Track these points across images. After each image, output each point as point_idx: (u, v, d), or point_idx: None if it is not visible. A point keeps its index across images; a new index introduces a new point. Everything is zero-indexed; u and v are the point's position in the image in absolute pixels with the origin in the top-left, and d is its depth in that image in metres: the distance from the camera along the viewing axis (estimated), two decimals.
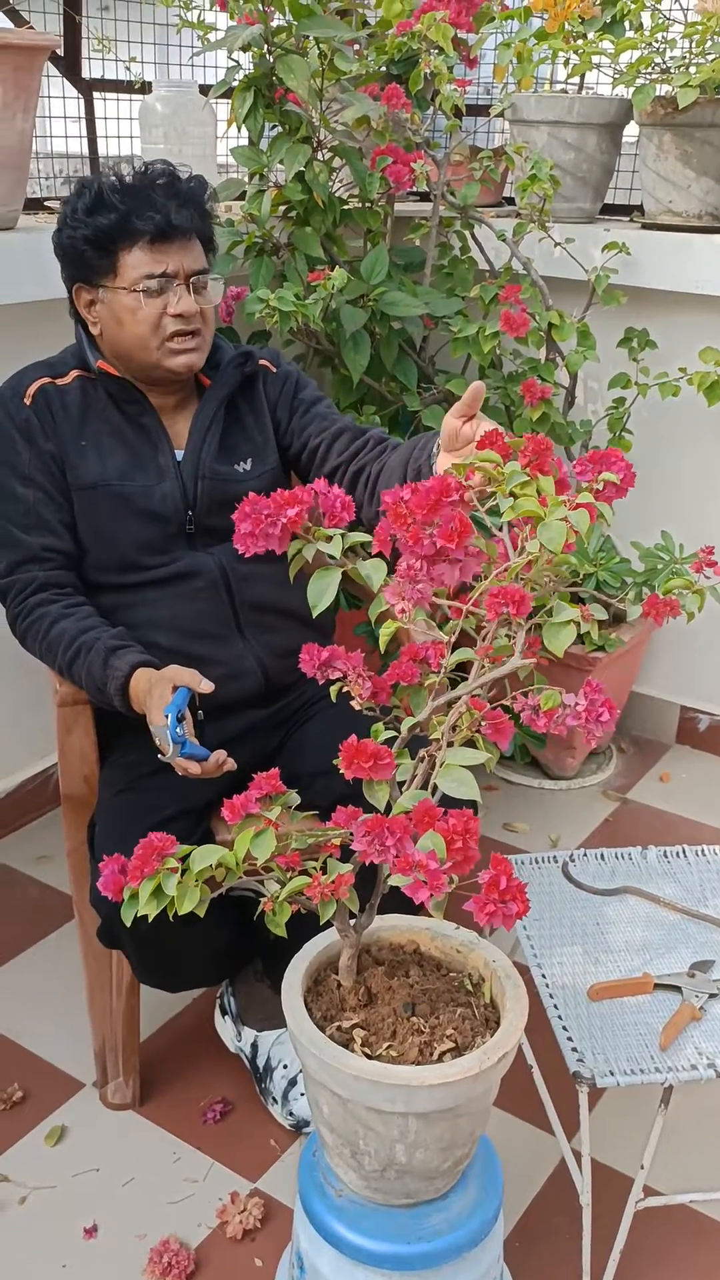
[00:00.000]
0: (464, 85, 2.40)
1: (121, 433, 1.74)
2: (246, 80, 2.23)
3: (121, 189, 1.65)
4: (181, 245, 1.66)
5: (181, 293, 1.67)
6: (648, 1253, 1.63)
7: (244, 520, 1.12)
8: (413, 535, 1.06)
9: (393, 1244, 1.34)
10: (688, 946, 1.65)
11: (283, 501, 1.11)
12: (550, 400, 2.40)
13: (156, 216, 1.63)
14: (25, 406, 1.71)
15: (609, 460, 1.12)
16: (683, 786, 2.82)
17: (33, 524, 1.69)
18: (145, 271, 1.64)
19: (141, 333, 1.67)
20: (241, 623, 1.76)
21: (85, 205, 1.65)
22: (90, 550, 1.73)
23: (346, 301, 2.29)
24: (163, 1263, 1.59)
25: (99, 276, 1.68)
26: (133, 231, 1.63)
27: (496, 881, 1.07)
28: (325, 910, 1.18)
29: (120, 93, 2.67)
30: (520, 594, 1.05)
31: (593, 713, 1.08)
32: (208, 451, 1.77)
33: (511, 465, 1.11)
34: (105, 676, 1.58)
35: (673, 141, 2.48)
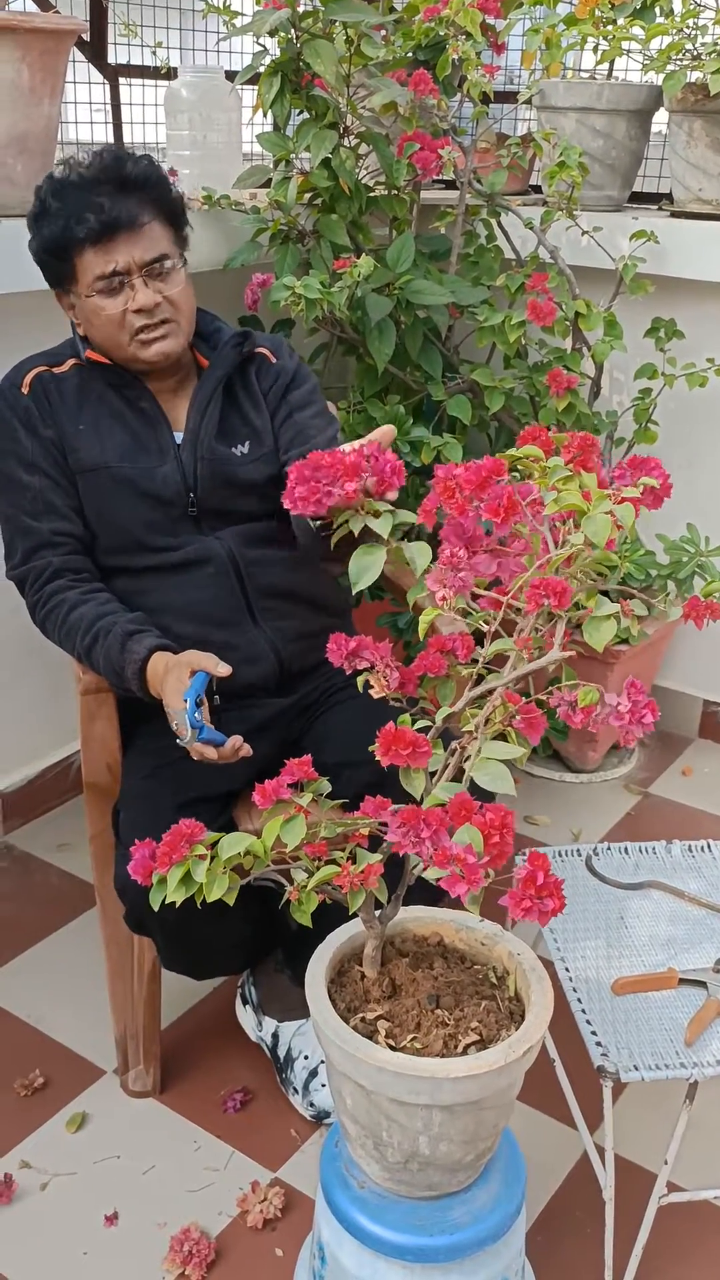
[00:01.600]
0: (492, 71, 2.37)
1: (121, 416, 1.74)
2: (273, 65, 2.21)
3: (58, 192, 1.63)
4: (129, 238, 1.63)
5: (139, 286, 1.65)
6: (671, 1249, 1.62)
7: (301, 483, 1.09)
8: (459, 508, 1.05)
9: (415, 1236, 1.33)
10: (713, 942, 1.64)
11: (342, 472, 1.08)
12: (576, 390, 2.38)
13: (91, 218, 1.60)
14: (23, 395, 1.71)
15: (648, 465, 1.11)
16: (705, 781, 2.80)
17: (42, 510, 1.69)
18: (95, 273, 1.63)
19: (109, 332, 1.67)
20: (254, 608, 1.76)
21: (33, 215, 1.66)
22: (99, 534, 1.73)
23: (372, 289, 2.28)
24: (183, 1251, 1.59)
25: (64, 283, 1.69)
26: (75, 240, 1.62)
27: (534, 877, 1.06)
28: (354, 900, 1.17)
29: (146, 78, 2.66)
30: (562, 585, 1.03)
31: (636, 714, 1.07)
32: (206, 432, 1.76)
33: (555, 460, 1.10)
34: (123, 660, 1.58)
35: (703, 128, 2.45)
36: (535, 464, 1.13)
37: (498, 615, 1.16)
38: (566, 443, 1.13)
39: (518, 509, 1.06)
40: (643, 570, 2.49)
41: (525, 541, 1.11)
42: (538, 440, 1.15)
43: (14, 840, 2.50)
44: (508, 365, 2.56)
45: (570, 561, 1.07)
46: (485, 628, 1.18)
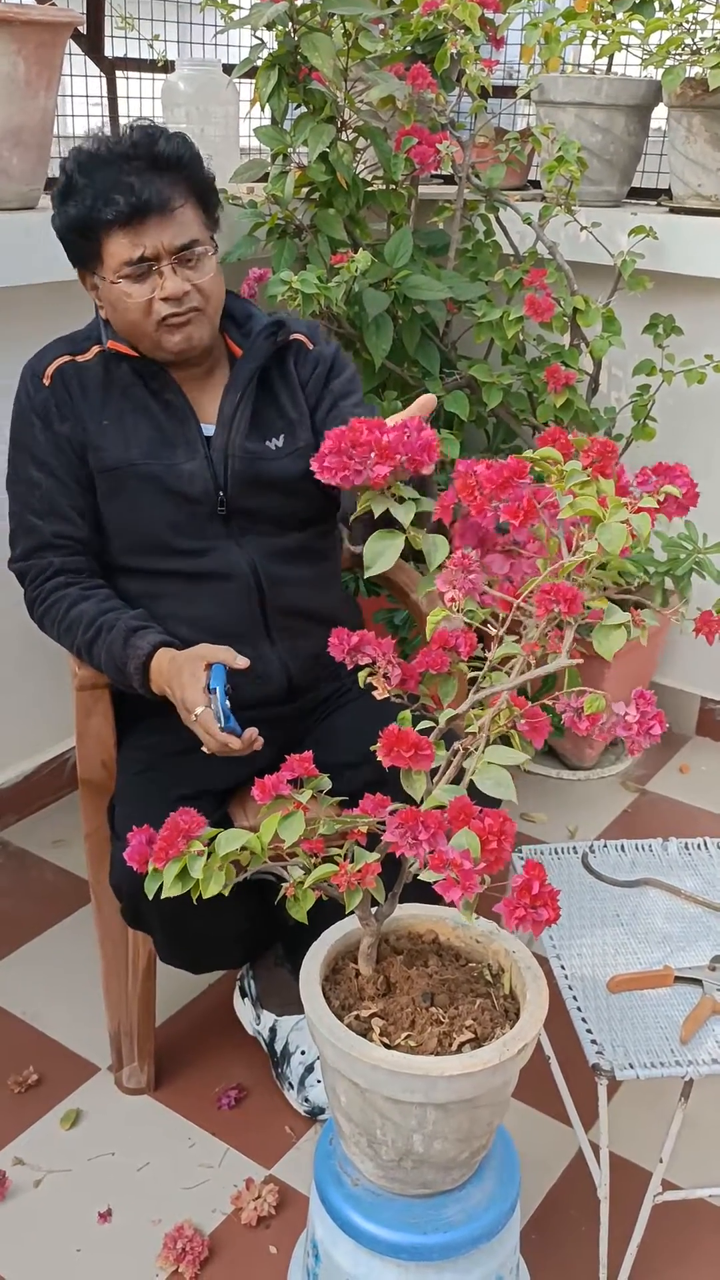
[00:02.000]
0: (490, 66, 2.37)
1: (146, 409, 1.67)
2: (270, 59, 2.20)
3: (86, 168, 1.55)
4: (159, 222, 1.56)
5: (168, 274, 1.58)
6: (666, 1247, 1.62)
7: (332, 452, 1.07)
8: (478, 507, 1.04)
9: (409, 1234, 1.33)
10: (709, 940, 1.64)
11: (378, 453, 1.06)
12: (574, 387, 2.38)
13: (120, 199, 1.53)
14: (44, 387, 1.66)
15: (673, 473, 1.09)
16: (702, 778, 2.80)
17: (46, 510, 1.66)
18: (124, 258, 1.56)
19: (134, 319, 1.61)
20: (270, 626, 1.71)
21: (59, 191, 1.58)
22: (118, 534, 1.68)
23: (369, 285, 2.27)
24: (177, 1248, 1.58)
25: (89, 263, 1.62)
26: (103, 222, 1.55)
27: (529, 886, 1.05)
28: (351, 899, 1.17)
29: (143, 71, 2.64)
30: (573, 592, 1.02)
31: (644, 725, 1.06)
32: (238, 429, 1.69)
33: (572, 464, 1.09)
34: (126, 656, 1.57)
35: (703, 124, 2.44)
36: (553, 467, 1.12)
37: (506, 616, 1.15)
38: (586, 447, 1.12)
39: (536, 513, 1.04)
40: (640, 568, 2.49)
41: (541, 544, 1.10)
42: (557, 443, 1.14)
43: (9, 836, 2.50)
44: (506, 361, 2.55)
45: (583, 569, 1.06)
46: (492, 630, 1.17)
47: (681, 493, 1.10)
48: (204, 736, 1.49)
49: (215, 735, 1.46)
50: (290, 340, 1.77)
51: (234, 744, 1.47)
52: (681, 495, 1.10)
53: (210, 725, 1.47)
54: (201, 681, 1.49)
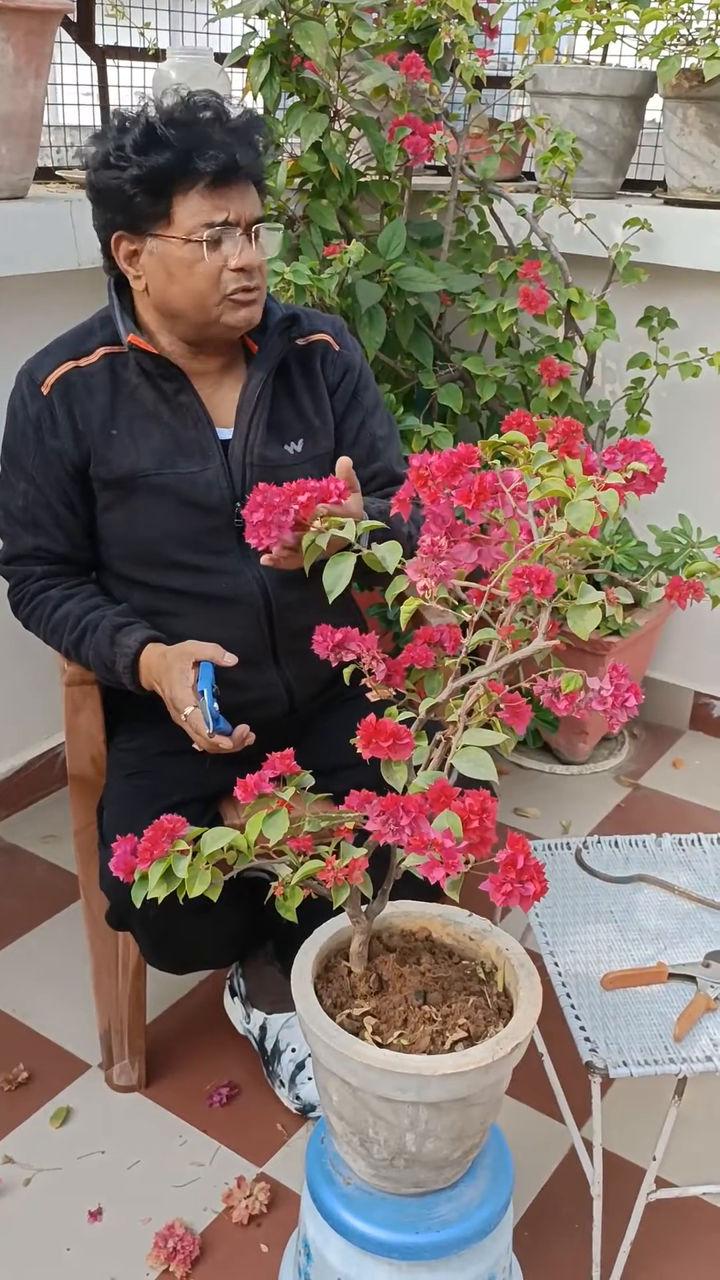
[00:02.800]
0: (484, 55, 2.35)
1: (157, 415, 1.59)
2: (262, 47, 2.19)
3: (175, 122, 1.47)
4: (241, 189, 1.50)
5: (243, 243, 1.50)
6: (659, 1245, 1.61)
7: (255, 510, 1.11)
8: (431, 495, 1.04)
9: (401, 1233, 1.32)
10: (703, 936, 1.63)
11: (294, 490, 1.10)
12: (568, 380, 2.37)
13: (220, 155, 1.45)
14: (41, 397, 1.57)
15: (639, 450, 1.09)
16: (696, 773, 2.79)
17: (28, 521, 1.62)
18: (205, 219, 1.47)
19: (200, 288, 1.51)
20: (278, 650, 1.67)
21: (134, 141, 1.46)
22: (119, 544, 1.62)
23: (362, 276, 2.26)
24: (168, 1247, 1.57)
25: (148, 224, 1.50)
26: (193, 172, 1.45)
27: (514, 861, 1.04)
28: (338, 895, 1.16)
29: (134, 60, 2.62)
30: (545, 574, 1.02)
31: (618, 698, 1.05)
32: (256, 435, 1.61)
33: (539, 446, 1.09)
34: (113, 654, 1.55)
35: (698, 115, 2.43)
36: (519, 450, 1.11)
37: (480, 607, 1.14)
38: (551, 428, 1.12)
39: (488, 495, 1.04)
40: (634, 561, 2.48)
41: (504, 529, 1.10)
42: (522, 426, 1.13)
43: (0, 832, 2.48)
44: (499, 354, 2.54)
45: (554, 548, 1.06)
46: (468, 618, 1.17)
47: (649, 469, 1.09)
48: (194, 736, 1.47)
49: (199, 736, 1.45)
50: (315, 340, 1.71)
51: (224, 744, 1.45)
52: (649, 471, 1.09)
53: (200, 726, 1.45)
54: (190, 680, 1.47)
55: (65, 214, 2.12)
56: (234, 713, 1.53)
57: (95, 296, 2.31)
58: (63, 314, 1.80)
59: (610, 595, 1.06)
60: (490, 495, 1.05)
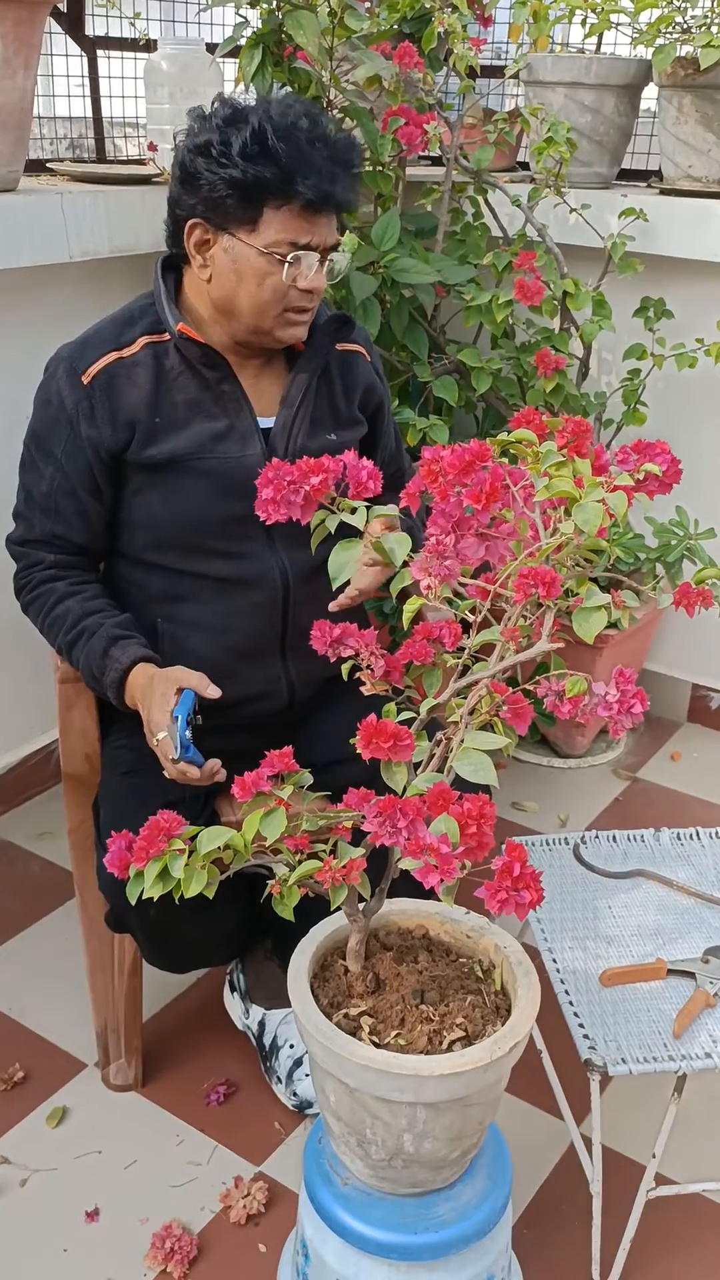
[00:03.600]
0: (478, 45, 2.33)
1: (199, 403, 1.60)
2: (254, 37, 2.16)
3: (286, 136, 1.47)
4: (329, 216, 1.53)
5: (316, 267, 1.54)
6: (659, 1242, 1.60)
7: (266, 485, 1.08)
8: (441, 492, 1.03)
9: (399, 1234, 1.31)
10: (702, 931, 1.62)
11: (307, 469, 1.07)
12: (564, 371, 2.35)
13: (322, 185, 1.48)
14: (82, 386, 1.56)
15: (653, 450, 1.07)
16: (694, 766, 2.78)
17: (50, 508, 1.62)
18: (289, 238, 1.50)
19: (264, 299, 1.54)
20: (287, 645, 1.67)
21: (243, 146, 1.47)
22: (148, 528, 1.62)
23: (357, 268, 2.24)
24: (165, 1248, 1.56)
25: (231, 223, 1.51)
26: (293, 193, 1.48)
27: (510, 868, 1.03)
28: (336, 895, 1.15)
29: (125, 51, 2.60)
30: (551, 575, 1.00)
31: (624, 704, 1.04)
32: (300, 426, 1.64)
33: (547, 445, 1.07)
34: (104, 665, 1.54)
35: (693, 104, 2.41)
36: (528, 448, 1.10)
37: (485, 605, 1.13)
38: (560, 427, 1.10)
39: (500, 494, 1.03)
40: (631, 554, 2.47)
41: (513, 526, 1.08)
42: (531, 424, 1.12)
43: None
44: (495, 345, 2.52)
45: (560, 550, 1.04)
46: (471, 618, 1.15)
47: (662, 470, 1.07)
48: (163, 760, 1.45)
49: (169, 760, 1.43)
50: (352, 350, 1.75)
51: (191, 773, 1.42)
52: (662, 473, 1.08)
53: (169, 751, 1.42)
54: (170, 704, 1.45)
55: (56, 206, 2.10)
56: (233, 706, 1.54)
57: (89, 289, 2.31)
58: (55, 308, 1.79)
59: (616, 598, 1.05)
60: (501, 495, 1.04)
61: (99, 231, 2.18)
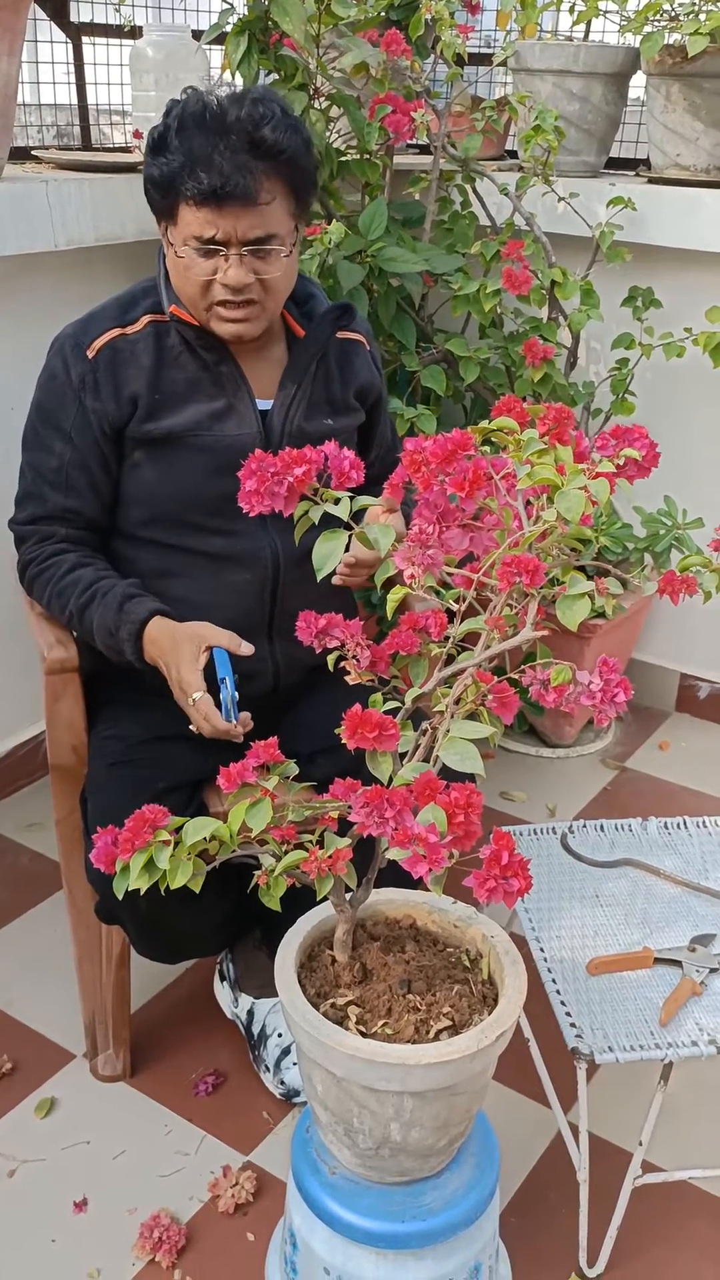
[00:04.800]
0: (466, 32, 2.32)
1: (198, 382, 1.63)
2: (240, 24, 2.15)
3: (183, 131, 1.49)
4: (239, 209, 1.49)
5: (233, 261, 1.52)
6: (646, 1229, 1.61)
7: (249, 477, 1.09)
8: (424, 481, 1.03)
9: (387, 1222, 1.31)
10: (688, 920, 1.62)
11: (290, 460, 1.07)
12: (552, 361, 2.35)
13: (205, 179, 1.46)
14: (87, 360, 1.60)
15: (631, 436, 1.07)
16: (682, 755, 2.79)
17: (62, 483, 1.63)
18: (194, 232, 1.51)
19: (191, 291, 1.57)
20: (274, 626, 1.69)
21: (152, 141, 1.53)
22: (141, 503, 1.64)
23: (344, 257, 2.23)
24: (153, 1237, 1.56)
25: (164, 216, 1.57)
26: (187, 189, 1.49)
27: (498, 857, 1.03)
28: (322, 886, 1.14)
29: (110, 37, 2.58)
30: (535, 564, 1.00)
31: (608, 693, 1.04)
32: (297, 409, 1.67)
33: (529, 433, 1.07)
34: (119, 620, 1.54)
35: (681, 92, 2.40)
36: (510, 436, 1.10)
37: (469, 594, 1.13)
38: (542, 415, 1.10)
39: (483, 483, 1.03)
40: (619, 543, 2.47)
41: (497, 516, 1.08)
42: (513, 412, 1.12)
43: None
44: (483, 335, 2.52)
45: (544, 537, 1.04)
46: (456, 606, 1.15)
47: (641, 455, 1.07)
48: (199, 721, 1.47)
49: (217, 725, 1.45)
50: (353, 339, 1.77)
51: (236, 732, 1.45)
52: (641, 458, 1.08)
53: (211, 713, 1.45)
54: (200, 664, 1.47)
55: (42, 194, 2.09)
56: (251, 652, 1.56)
57: (74, 278, 2.29)
58: (40, 295, 1.78)
59: (600, 586, 1.05)
60: (484, 483, 1.04)
61: (84, 220, 2.17)
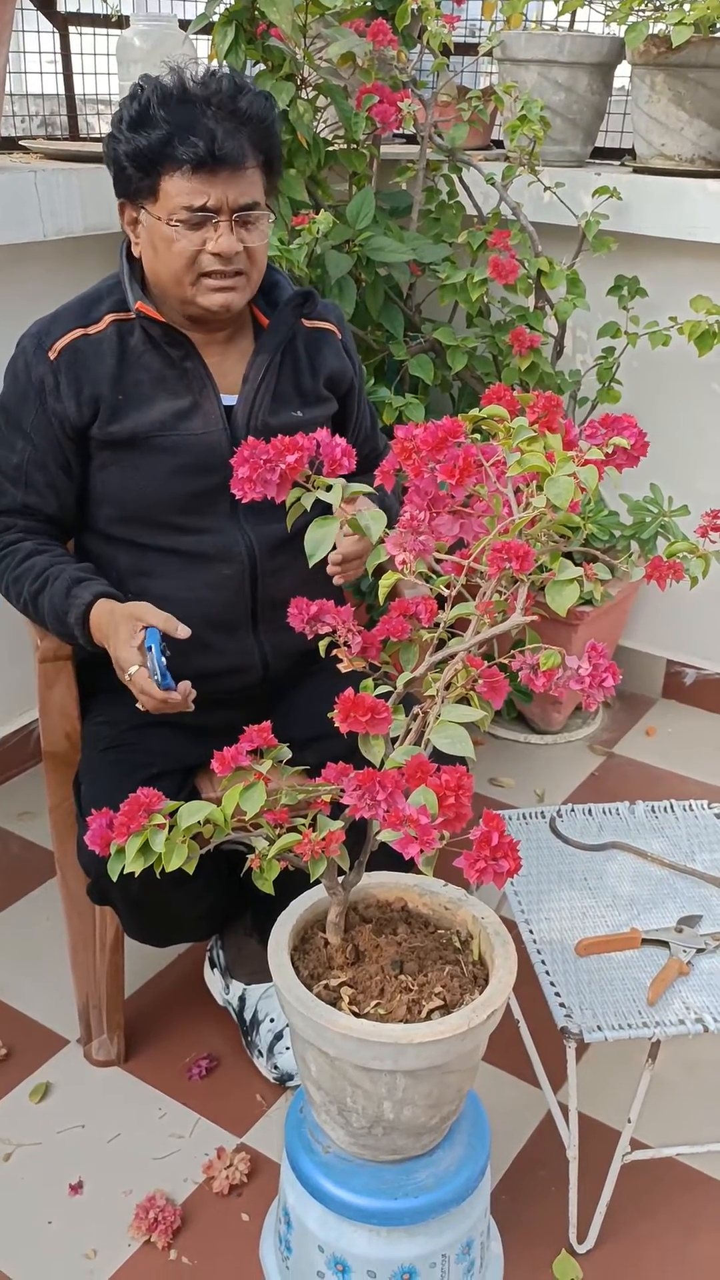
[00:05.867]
0: (452, 22, 2.33)
1: (162, 380, 1.61)
2: (227, 14, 2.16)
3: (170, 103, 1.49)
4: (229, 175, 1.49)
5: (223, 229, 1.51)
6: (634, 1205, 1.64)
7: (242, 464, 1.10)
8: (415, 469, 1.04)
9: (380, 1200, 1.33)
10: (675, 901, 1.64)
11: (282, 448, 1.09)
12: (539, 349, 2.36)
13: (200, 144, 1.46)
14: (48, 361, 1.58)
15: (620, 424, 1.09)
16: (669, 741, 2.81)
17: (21, 480, 1.63)
18: (184, 203, 1.49)
19: (176, 267, 1.54)
20: (258, 617, 1.68)
21: (130, 117, 1.50)
22: (111, 503, 1.64)
23: (331, 247, 2.24)
24: (149, 1218, 1.58)
25: (140, 197, 1.54)
26: (173, 157, 1.47)
27: (488, 838, 1.05)
28: (315, 868, 1.16)
29: (97, 27, 2.58)
30: (524, 549, 1.02)
31: (597, 677, 1.06)
32: (261, 404, 1.65)
33: (519, 421, 1.08)
34: (67, 605, 1.55)
35: (665, 83, 2.41)
36: (499, 424, 1.11)
37: (459, 580, 1.14)
38: (531, 403, 1.12)
39: (473, 470, 1.04)
40: (606, 531, 2.48)
41: (487, 503, 1.10)
42: (502, 400, 1.13)
43: None
44: (470, 324, 2.53)
45: (533, 524, 1.06)
46: (446, 592, 1.17)
47: (630, 443, 1.09)
48: (139, 695, 1.47)
49: (153, 694, 1.45)
50: (322, 327, 1.74)
51: (173, 699, 1.45)
52: (630, 446, 1.09)
53: (146, 685, 1.45)
54: (136, 641, 1.47)
55: (30, 184, 2.09)
56: (208, 679, 1.55)
57: (63, 268, 2.30)
58: (29, 286, 1.79)
59: (589, 571, 1.06)
60: (474, 470, 1.05)
61: (73, 210, 2.17)
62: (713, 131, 2.46)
